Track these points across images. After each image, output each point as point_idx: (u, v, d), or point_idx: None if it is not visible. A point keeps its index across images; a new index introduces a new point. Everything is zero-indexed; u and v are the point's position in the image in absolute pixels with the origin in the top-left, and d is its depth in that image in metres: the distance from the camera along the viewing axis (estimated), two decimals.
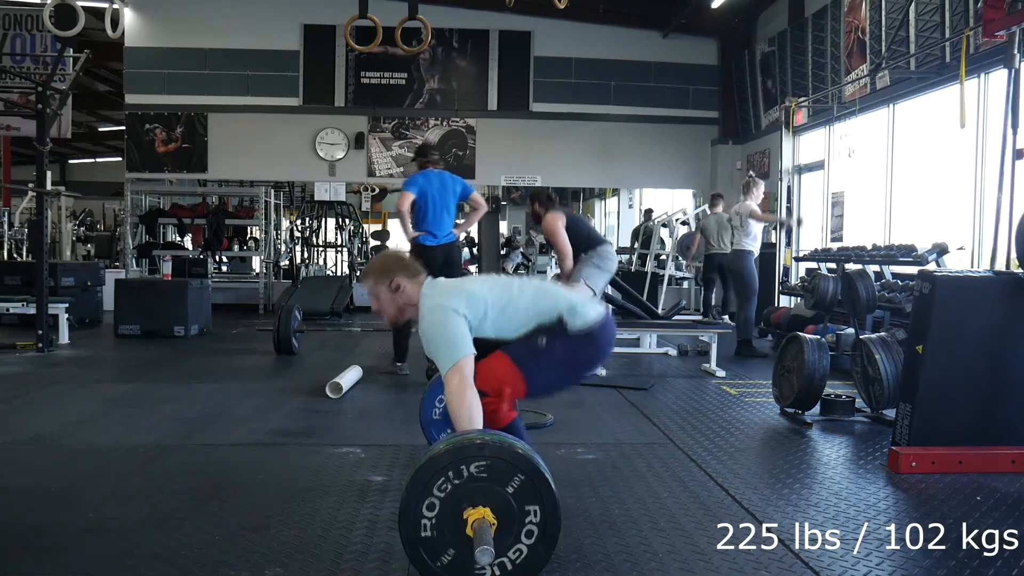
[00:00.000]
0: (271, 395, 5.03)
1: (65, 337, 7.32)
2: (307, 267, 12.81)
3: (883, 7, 7.57)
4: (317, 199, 11.98)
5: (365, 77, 11.39)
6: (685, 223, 10.98)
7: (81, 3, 6.71)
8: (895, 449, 3.45)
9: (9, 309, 7.84)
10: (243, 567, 2.33)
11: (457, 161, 11.44)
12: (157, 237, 12.02)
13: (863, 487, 3.23)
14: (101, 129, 19.49)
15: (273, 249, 12.28)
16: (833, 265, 6.90)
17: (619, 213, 16.71)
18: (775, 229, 8.68)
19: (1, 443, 3.74)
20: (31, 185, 9.18)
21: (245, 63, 11.19)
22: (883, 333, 4.58)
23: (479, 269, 8.38)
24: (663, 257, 10.80)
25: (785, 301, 8.90)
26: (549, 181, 11.56)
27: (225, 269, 15.24)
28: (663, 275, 10.09)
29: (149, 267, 11.87)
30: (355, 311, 11.04)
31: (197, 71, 11.17)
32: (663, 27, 11.39)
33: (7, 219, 13.41)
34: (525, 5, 9.63)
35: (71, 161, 23.23)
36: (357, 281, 2.79)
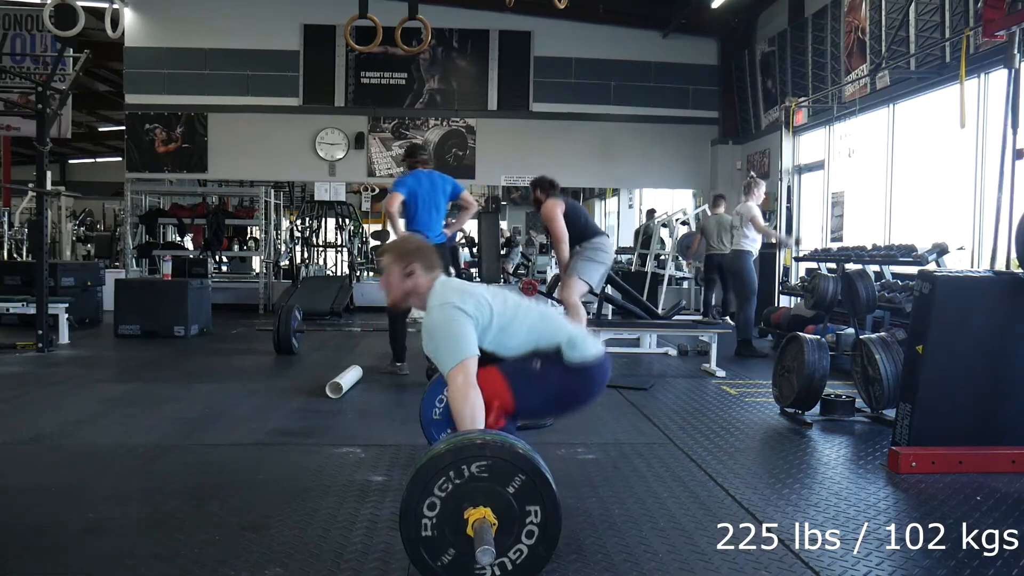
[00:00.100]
0: (271, 395, 5.03)
1: (65, 337, 7.33)
2: (307, 267, 12.81)
3: (883, 7, 7.57)
4: (317, 199, 11.98)
5: (365, 77, 11.39)
6: (685, 223, 10.98)
7: (81, 3, 6.71)
8: (895, 449, 3.45)
9: (9, 309, 7.85)
10: (243, 567, 2.33)
11: (457, 161, 11.45)
12: (157, 237, 12.01)
13: (863, 487, 3.23)
14: (101, 129, 19.49)
15: (273, 249, 12.28)
16: (833, 265, 6.90)
17: (619, 213, 16.73)
18: (776, 247, 8.68)
19: (1, 443, 3.74)
20: (31, 185, 9.18)
21: (245, 63, 11.19)
22: (883, 333, 4.58)
23: (479, 270, 8.36)
24: (663, 257, 10.80)
25: (785, 301, 8.91)
26: None
27: (225, 269, 15.23)
28: (663, 275, 10.09)
29: (149, 267, 11.87)
30: (355, 311, 11.05)
31: (197, 71, 11.18)
32: (663, 27, 11.40)
33: (7, 219, 13.41)
34: (525, 5, 9.63)
35: (71, 161, 23.23)
36: (376, 253, 2.82)
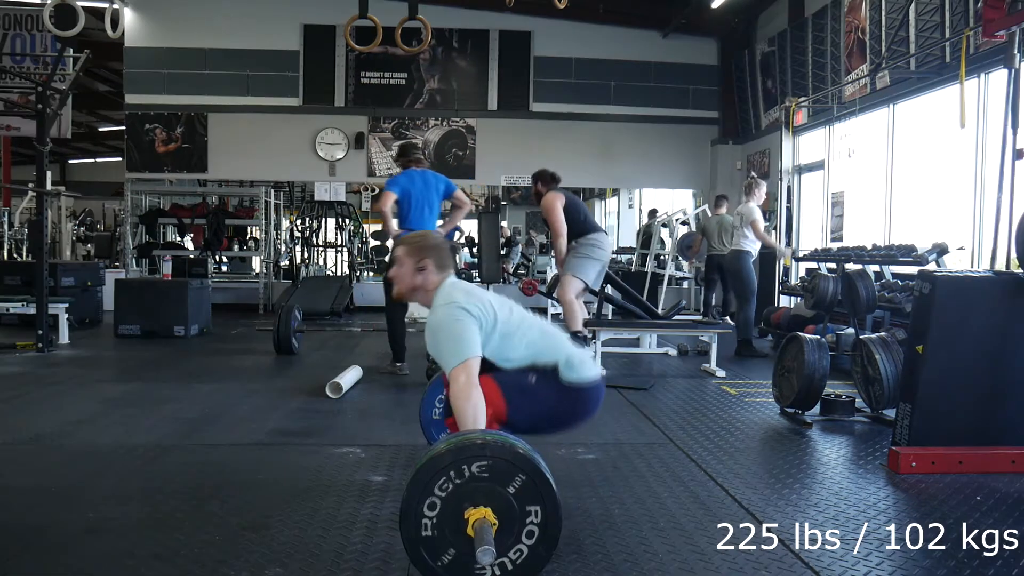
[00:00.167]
0: (271, 395, 5.02)
1: (65, 337, 7.33)
2: (307, 267, 12.81)
3: (883, 7, 7.57)
4: (317, 199, 11.98)
5: (365, 77, 11.39)
6: (685, 223, 10.99)
7: (81, 3, 6.71)
8: (895, 449, 3.45)
9: (9, 309, 7.84)
10: (243, 567, 2.33)
11: (457, 161, 11.45)
12: (157, 237, 12.01)
13: (863, 487, 3.23)
14: (101, 129, 19.50)
15: (273, 249, 12.28)
16: (833, 265, 6.90)
17: (619, 213, 16.74)
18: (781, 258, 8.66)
19: (1, 443, 3.74)
20: (31, 185, 9.17)
21: (245, 63, 11.19)
22: (883, 333, 4.58)
23: (479, 270, 8.35)
24: (663, 257, 10.80)
25: (785, 301, 8.91)
26: None
27: (225, 269, 15.23)
28: (663, 275, 10.09)
29: (149, 267, 11.87)
30: (355, 311, 11.05)
31: (197, 71, 11.18)
32: (663, 27, 11.40)
33: (7, 219, 13.41)
34: (525, 5, 9.64)
35: (71, 161, 23.24)
36: (393, 243, 2.79)
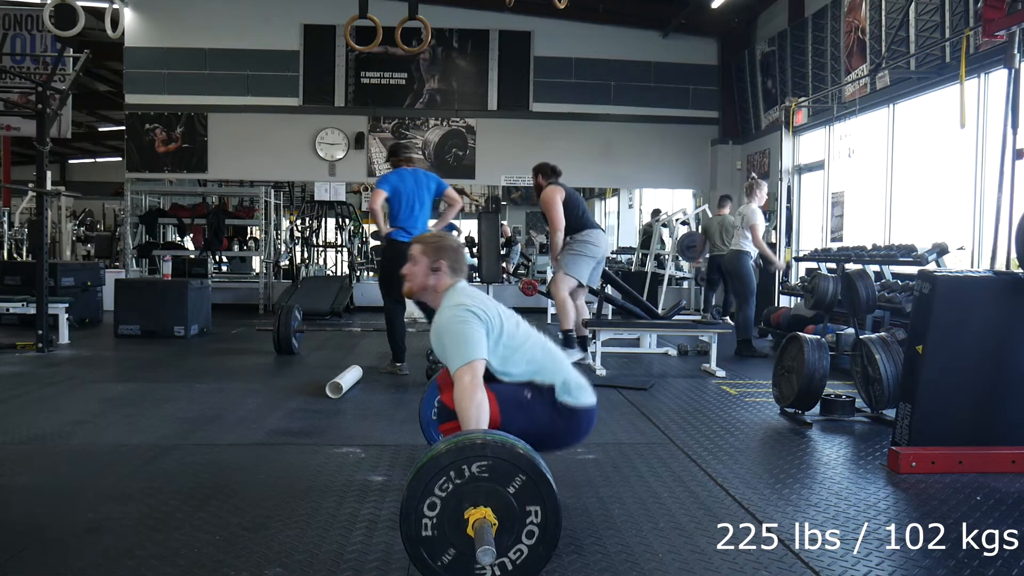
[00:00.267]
0: (271, 395, 5.02)
1: (65, 337, 7.32)
2: (307, 267, 12.81)
3: (883, 7, 7.57)
4: (317, 199, 11.98)
5: (365, 77, 11.39)
6: (685, 223, 10.99)
7: (81, 3, 6.71)
8: (895, 449, 3.45)
9: (9, 309, 7.84)
10: (243, 567, 2.33)
11: (457, 161, 11.46)
12: (157, 237, 12.01)
13: (863, 487, 3.23)
14: (101, 129, 19.51)
15: (273, 249, 12.28)
16: (833, 265, 6.91)
17: (619, 213, 16.74)
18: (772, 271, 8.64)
19: (1, 443, 3.74)
20: (31, 185, 9.17)
21: (245, 63, 11.19)
22: (883, 333, 4.58)
23: (479, 270, 8.34)
24: (663, 257, 10.80)
25: (785, 301, 8.91)
26: None
27: (225, 269, 15.23)
28: (663, 275, 10.09)
29: (149, 267, 11.87)
30: (355, 311, 11.05)
31: (197, 71, 11.18)
32: (663, 27, 11.40)
33: (7, 219, 13.40)
34: (525, 5, 9.64)
35: (71, 161, 23.25)
36: (413, 240, 2.80)
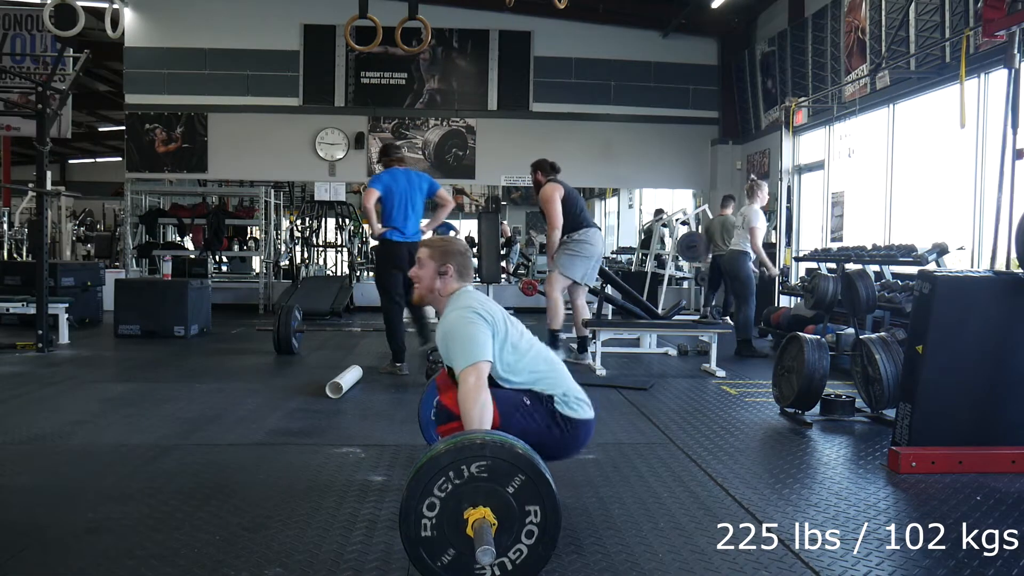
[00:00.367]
0: (271, 395, 5.02)
1: (65, 337, 7.32)
2: (307, 267, 12.81)
3: (883, 7, 7.57)
4: (317, 199, 11.98)
5: (365, 77, 11.39)
6: (685, 223, 10.99)
7: (81, 3, 6.70)
8: (895, 449, 3.45)
9: (9, 309, 7.84)
10: (243, 567, 2.33)
11: (457, 161, 11.46)
12: (157, 237, 12.00)
13: (863, 487, 3.23)
14: (101, 129, 19.51)
15: (273, 249, 12.28)
16: (833, 265, 6.91)
17: (619, 213, 16.73)
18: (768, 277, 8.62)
19: (1, 443, 3.74)
20: (31, 185, 9.17)
21: (245, 63, 11.19)
22: (883, 333, 4.58)
23: (479, 270, 8.35)
24: (663, 257, 10.79)
25: (785, 301, 8.90)
26: None
27: (225, 269, 15.23)
28: (663, 275, 10.09)
29: (149, 267, 11.87)
30: (355, 311, 11.05)
31: (197, 71, 11.18)
32: (663, 27, 11.40)
33: (7, 219, 13.41)
34: (525, 5, 9.63)
35: (71, 161, 23.24)
36: (420, 244, 2.81)
